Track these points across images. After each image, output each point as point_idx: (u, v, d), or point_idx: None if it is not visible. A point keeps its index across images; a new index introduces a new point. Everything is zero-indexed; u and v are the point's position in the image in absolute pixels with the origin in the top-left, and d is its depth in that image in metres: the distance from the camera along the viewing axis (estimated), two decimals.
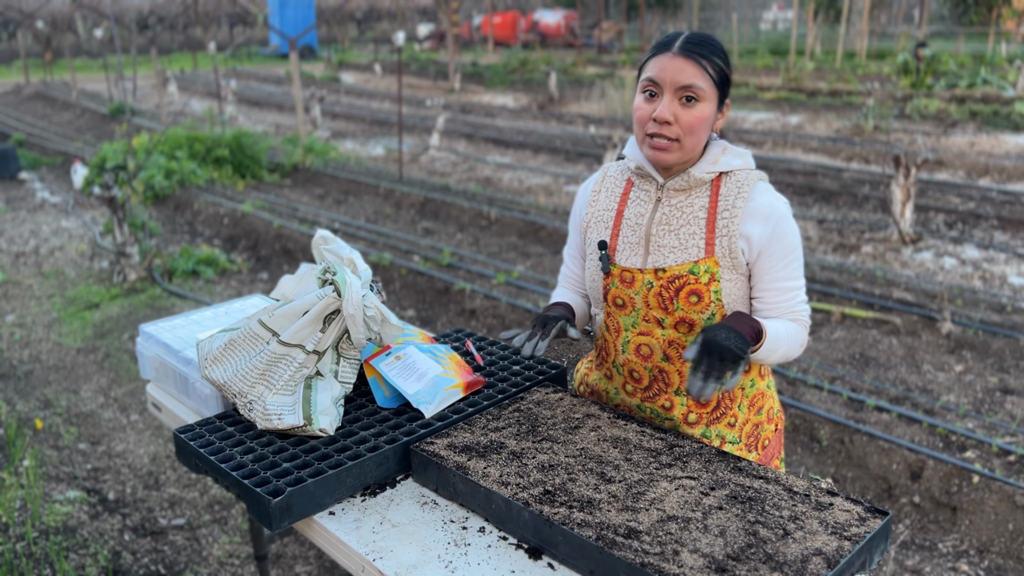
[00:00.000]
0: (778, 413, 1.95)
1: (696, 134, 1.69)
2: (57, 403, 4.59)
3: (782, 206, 1.74)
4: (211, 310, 2.50)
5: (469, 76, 20.87)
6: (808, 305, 1.80)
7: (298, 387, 1.81)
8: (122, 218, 6.28)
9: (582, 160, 10.92)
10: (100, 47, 23.83)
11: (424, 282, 6.21)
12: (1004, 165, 9.41)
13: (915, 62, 14.76)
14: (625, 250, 1.81)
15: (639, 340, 1.81)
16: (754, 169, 1.78)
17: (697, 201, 1.75)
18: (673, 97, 1.67)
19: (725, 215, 1.72)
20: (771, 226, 1.71)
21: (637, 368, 1.84)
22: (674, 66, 1.66)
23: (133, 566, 3.20)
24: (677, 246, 1.75)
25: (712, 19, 31.61)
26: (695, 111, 1.67)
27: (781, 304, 1.75)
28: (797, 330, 1.75)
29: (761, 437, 1.89)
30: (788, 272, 1.74)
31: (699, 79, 1.66)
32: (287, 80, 21.38)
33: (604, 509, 1.48)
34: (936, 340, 4.96)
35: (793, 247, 1.73)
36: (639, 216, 1.81)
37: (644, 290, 1.77)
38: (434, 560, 1.49)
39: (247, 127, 12.10)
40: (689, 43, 1.68)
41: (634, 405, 1.89)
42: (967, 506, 3.45)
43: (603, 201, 1.90)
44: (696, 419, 1.83)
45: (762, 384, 1.88)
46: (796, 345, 1.75)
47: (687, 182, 1.75)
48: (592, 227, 1.89)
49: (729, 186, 1.74)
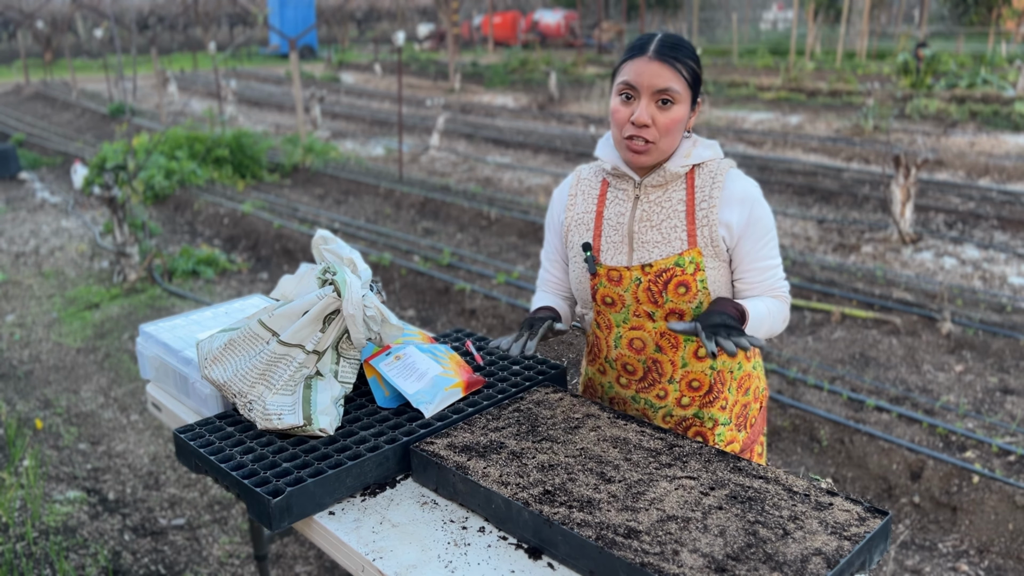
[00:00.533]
0: (763, 391, 2.01)
1: (672, 135, 1.74)
2: (57, 403, 4.59)
3: (754, 189, 1.80)
4: (211, 310, 2.50)
5: (469, 76, 20.87)
6: (786, 281, 1.87)
7: (298, 387, 1.81)
8: (122, 218, 6.28)
9: (582, 160, 10.92)
10: (100, 47, 23.83)
11: (424, 282, 6.21)
12: (1004, 165, 9.41)
13: (915, 62, 14.75)
14: (609, 250, 1.85)
15: (631, 335, 1.86)
16: (723, 158, 1.84)
17: (675, 195, 1.80)
18: (650, 100, 1.71)
19: (703, 205, 1.77)
20: (747, 210, 1.77)
21: (631, 361, 1.89)
22: (650, 70, 1.70)
23: (133, 566, 3.20)
24: (660, 240, 1.79)
25: (712, 19, 31.62)
26: (671, 113, 1.72)
27: (762, 283, 1.82)
28: (779, 306, 1.83)
29: (749, 416, 1.95)
30: (766, 252, 1.80)
31: (674, 82, 1.70)
32: (287, 80, 21.39)
33: (604, 509, 1.48)
34: (936, 340, 4.96)
35: (768, 227, 1.80)
36: (619, 215, 1.85)
37: (633, 287, 1.81)
38: (434, 560, 1.49)
39: (247, 127, 12.10)
40: (663, 46, 1.72)
41: (628, 397, 1.93)
42: (967, 506, 3.45)
43: (580, 204, 1.93)
44: (689, 402, 1.88)
45: (748, 366, 1.94)
46: (779, 320, 1.83)
47: (663, 178, 1.80)
48: (573, 230, 1.92)
49: (703, 177, 1.80)
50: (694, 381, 1.87)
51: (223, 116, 12.54)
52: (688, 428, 1.91)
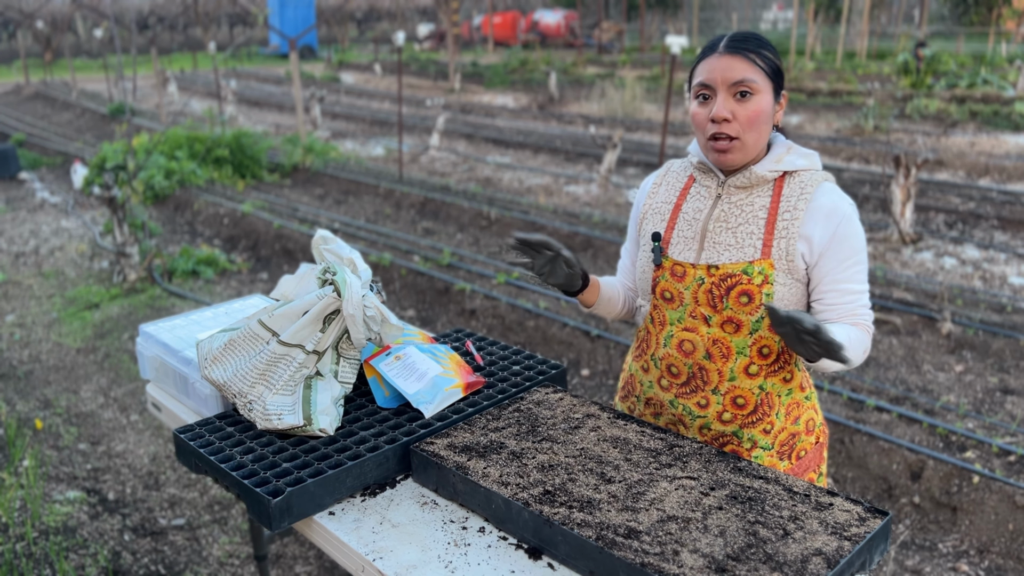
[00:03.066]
0: (820, 426, 1.89)
1: (756, 128, 1.67)
2: (57, 403, 4.59)
3: (847, 207, 1.69)
4: (211, 310, 2.50)
5: (469, 76, 20.87)
6: (871, 312, 1.76)
7: (298, 387, 1.81)
8: (122, 218, 6.28)
9: (582, 160, 10.92)
10: (100, 47, 23.83)
11: (424, 282, 6.21)
12: (1004, 165, 9.41)
13: (915, 62, 14.75)
14: (679, 244, 1.79)
15: (683, 336, 1.78)
16: (820, 170, 1.74)
17: (758, 200, 1.73)
18: (727, 95, 1.65)
19: (786, 216, 1.69)
20: (833, 226, 1.67)
21: (676, 363, 1.81)
22: (722, 65, 1.65)
23: (133, 566, 3.20)
24: (733, 244, 1.72)
25: (712, 19, 31.63)
26: (751, 105, 1.65)
27: (842, 306, 1.71)
28: (860, 335, 1.70)
29: (797, 447, 1.84)
30: (850, 274, 1.70)
31: (750, 72, 1.64)
32: (287, 80, 21.38)
33: (604, 509, 1.48)
34: (936, 340, 4.96)
35: (856, 250, 1.69)
36: (697, 211, 1.78)
37: (694, 285, 1.74)
38: (434, 560, 1.49)
39: (247, 127, 12.10)
40: (734, 40, 1.68)
41: (667, 400, 1.85)
42: (967, 506, 3.45)
43: (662, 194, 1.88)
44: (731, 419, 1.79)
45: (800, 395, 1.83)
46: (859, 351, 1.69)
47: (749, 180, 1.72)
48: (648, 219, 1.87)
49: (792, 187, 1.71)
50: (739, 398, 1.77)
51: (223, 116, 12.54)
52: (724, 445, 1.81)
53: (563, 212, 7.99)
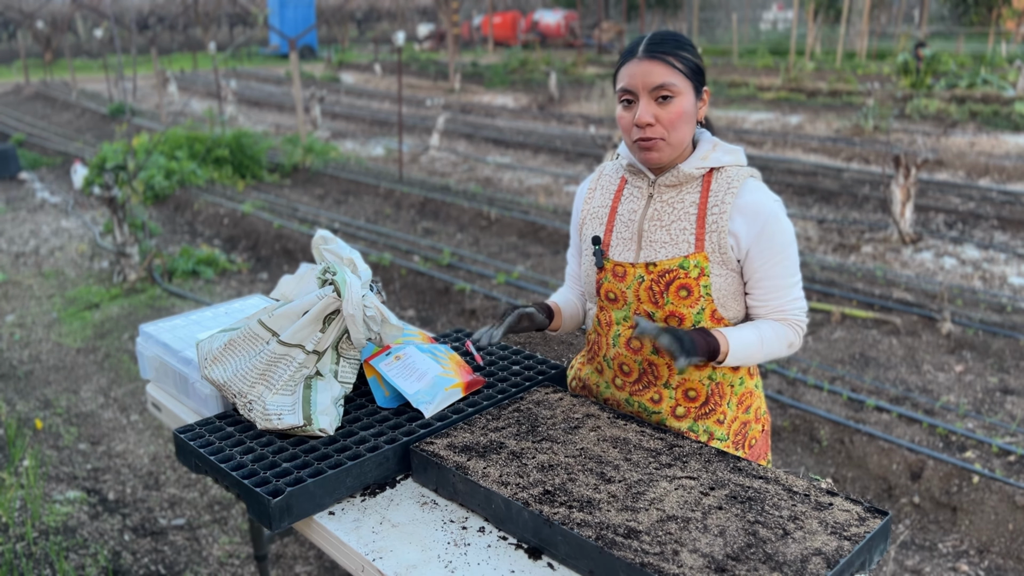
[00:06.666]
0: (765, 413, 1.97)
1: (679, 129, 1.72)
2: (57, 403, 4.59)
3: (772, 204, 1.74)
4: (211, 310, 2.50)
5: (469, 76, 20.87)
6: (803, 303, 1.82)
7: (298, 387, 1.81)
8: (122, 218, 6.28)
9: (582, 160, 10.92)
10: (100, 47, 23.83)
11: (424, 282, 6.21)
12: (1004, 165, 9.41)
13: (915, 62, 14.75)
14: (618, 245, 1.84)
15: (630, 333, 1.84)
16: (745, 166, 1.80)
17: (688, 197, 1.78)
18: (649, 99, 1.70)
19: (714, 211, 1.74)
20: (759, 225, 1.72)
21: (627, 361, 1.87)
22: (642, 70, 1.69)
23: (133, 566, 3.20)
24: (668, 241, 1.77)
25: (712, 19, 31.62)
26: (673, 107, 1.70)
27: (771, 302, 1.78)
28: (780, 331, 1.78)
29: (748, 436, 1.91)
30: (778, 271, 1.76)
31: (669, 76, 1.69)
32: (287, 80, 21.38)
33: (604, 509, 1.48)
34: (936, 340, 4.96)
35: (783, 246, 1.74)
36: (632, 212, 1.84)
37: (635, 284, 1.80)
38: (434, 560, 1.49)
39: (247, 127, 12.10)
40: (652, 44, 1.71)
41: (623, 399, 1.91)
42: (967, 506, 3.45)
43: (598, 198, 1.94)
44: (684, 413, 1.85)
45: (750, 383, 1.90)
46: (779, 347, 1.79)
47: (677, 178, 1.78)
48: (587, 223, 1.94)
49: (719, 182, 1.76)
50: (690, 391, 1.83)
51: (223, 116, 12.54)
52: None
53: (563, 212, 7.99)
